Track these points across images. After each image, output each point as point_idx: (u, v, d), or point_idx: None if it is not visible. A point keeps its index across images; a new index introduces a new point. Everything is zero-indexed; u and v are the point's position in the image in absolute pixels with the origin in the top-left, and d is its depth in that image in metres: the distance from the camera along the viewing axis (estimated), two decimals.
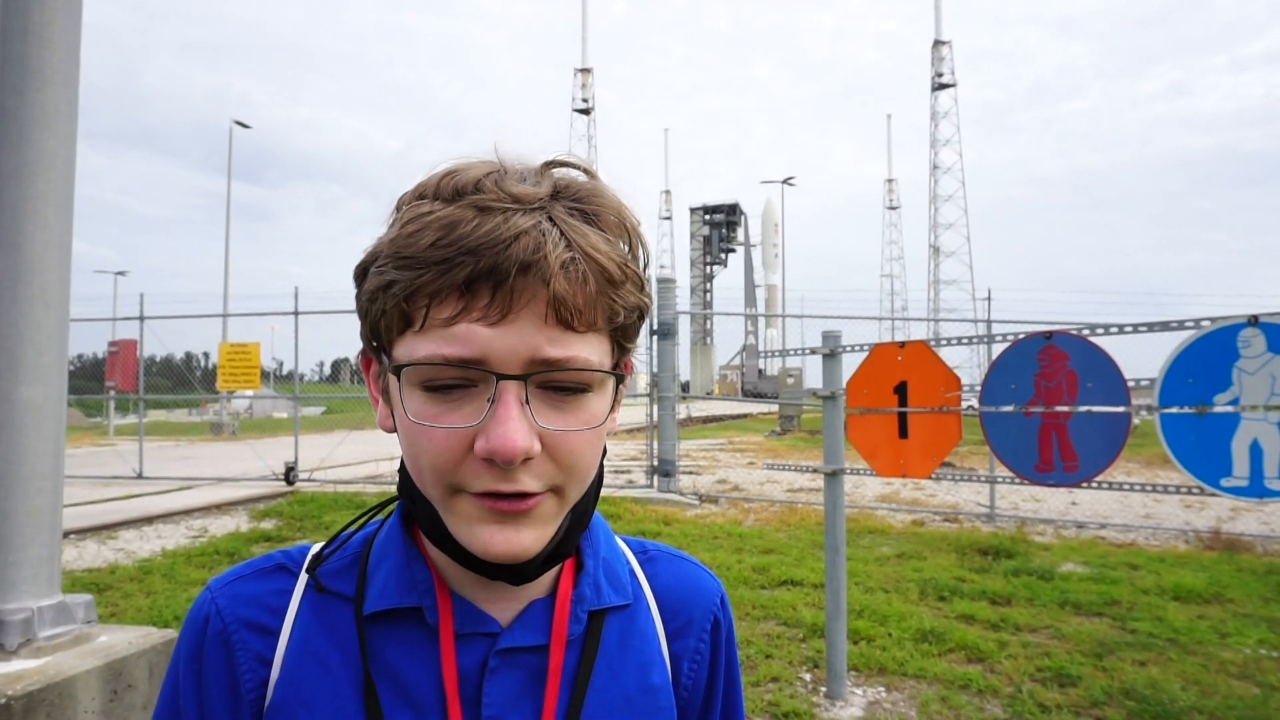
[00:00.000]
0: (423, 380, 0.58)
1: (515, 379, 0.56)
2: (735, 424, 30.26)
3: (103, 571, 6.52)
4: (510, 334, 0.55)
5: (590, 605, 0.69)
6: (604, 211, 0.60)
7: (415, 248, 0.56)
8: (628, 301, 0.60)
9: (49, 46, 2.41)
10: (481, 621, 0.65)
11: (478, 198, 0.57)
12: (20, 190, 2.38)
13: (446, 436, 0.57)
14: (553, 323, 0.56)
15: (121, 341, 14.93)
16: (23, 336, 2.37)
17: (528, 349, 0.56)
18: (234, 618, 0.66)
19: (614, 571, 0.73)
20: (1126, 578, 6.19)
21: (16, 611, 2.28)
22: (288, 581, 0.69)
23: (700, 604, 0.77)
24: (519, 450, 0.55)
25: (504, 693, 0.64)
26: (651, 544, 0.80)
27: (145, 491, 11.29)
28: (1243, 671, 4.24)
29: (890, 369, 3.87)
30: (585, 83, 57.77)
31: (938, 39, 55.76)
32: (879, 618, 5.10)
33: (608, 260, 0.58)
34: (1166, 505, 9.92)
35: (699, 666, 0.75)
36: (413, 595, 0.65)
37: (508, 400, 0.56)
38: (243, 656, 0.65)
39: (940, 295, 54.37)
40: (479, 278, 0.55)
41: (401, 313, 0.57)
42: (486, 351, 0.56)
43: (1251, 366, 2.86)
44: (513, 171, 0.60)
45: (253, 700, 0.65)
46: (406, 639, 0.64)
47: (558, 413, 0.58)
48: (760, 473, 13.60)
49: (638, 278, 0.61)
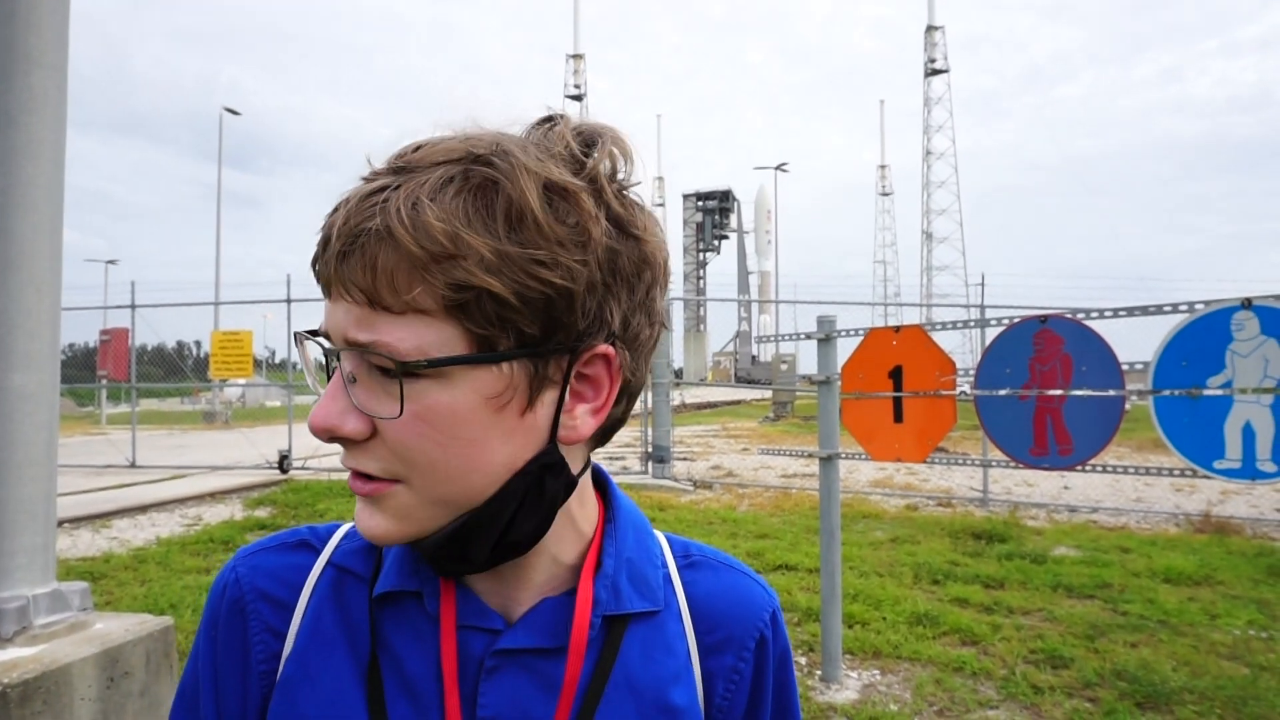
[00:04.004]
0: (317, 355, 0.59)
1: (330, 351, 0.56)
2: (729, 410, 30.31)
3: (97, 560, 6.51)
4: (334, 310, 0.55)
5: (606, 609, 0.62)
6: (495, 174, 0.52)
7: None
8: (461, 279, 0.50)
9: (36, 29, 2.37)
10: (484, 616, 0.61)
11: (373, 168, 0.56)
12: (9, 176, 2.35)
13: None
14: (360, 302, 0.52)
15: (113, 330, 14.82)
16: (14, 323, 2.34)
17: (339, 327, 0.54)
18: (251, 588, 0.66)
19: (641, 574, 0.66)
20: (1118, 561, 6.25)
21: (11, 600, 2.27)
22: (309, 558, 0.67)
23: (744, 619, 0.68)
24: (319, 427, 0.54)
25: (503, 695, 0.59)
26: (700, 548, 0.72)
27: (138, 480, 11.27)
28: (1232, 652, 4.29)
29: (885, 354, 3.88)
30: (577, 69, 57.40)
31: (931, 24, 55.65)
32: (873, 602, 5.14)
33: (415, 231, 0.50)
34: (1157, 489, 10.00)
35: (736, 689, 0.67)
36: (414, 579, 0.62)
37: (335, 374, 0.56)
38: (256, 627, 0.64)
39: (933, 281, 54.51)
40: (321, 253, 0.55)
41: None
42: (326, 325, 0.56)
43: (1245, 349, 2.87)
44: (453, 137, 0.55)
45: (263, 672, 0.63)
46: (410, 625, 0.61)
47: (388, 398, 0.53)
48: (754, 458, 13.64)
49: (486, 252, 0.50)
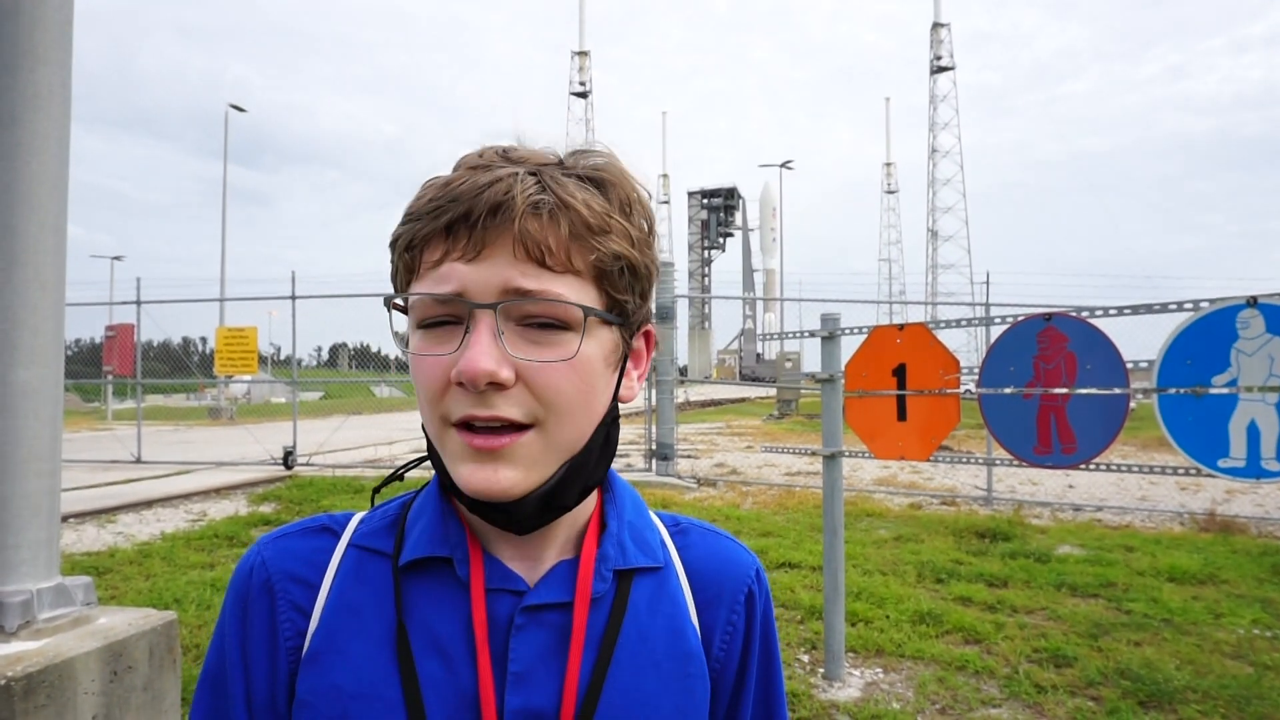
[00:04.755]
0: (418, 320, 0.63)
1: (487, 308, 0.60)
2: (733, 408, 30.29)
3: (102, 555, 6.53)
4: (484, 269, 0.60)
5: (615, 564, 0.70)
6: (605, 179, 0.65)
7: (417, 205, 0.64)
8: (609, 248, 0.63)
9: (41, 25, 2.37)
10: (509, 579, 0.67)
11: (475, 162, 0.64)
12: (13, 172, 2.35)
13: (433, 365, 0.62)
14: (523, 258, 0.60)
15: (119, 326, 14.88)
16: (18, 319, 2.35)
17: (499, 280, 0.60)
18: (278, 570, 0.71)
19: (642, 537, 0.74)
20: (1122, 559, 6.23)
21: (15, 594, 2.28)
22: (330, 541, 0.73)
23: (733, 576, 0.77)
24: (481, 371, 0.59)
25: (530, 649, 0.65)
26: (684, 518, 0.81)
27: (144, 476, 11.30)
28: (1236, 651, 4.28)
29: (889, 352, 3.87)
30: (582, 66, 57.37)
31: (936, 21, 55.43)
32: (876, 600, 5.13)
33: (584, 207, 0.62)
34: (1162, 488, 9.96)
35: (732, 639, 0.75)
36: (444, 547, 0.68)
37: (479, 328, 0.60)
38: (284, 606, 0.69)
39: (938, 279, 54.36)
40: (458, 221, 0.61)
41: (405, 263, 0.65)
42: (464, 285, 0.61)
43: (1250, 348, 2.85)
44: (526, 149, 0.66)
45: (290, 649, 0.69)
46: (438, 591, 0.67)
47: (535, 346, 0.61)
48: (758, 456, 13.63)
49: (625, 231, 0.64)
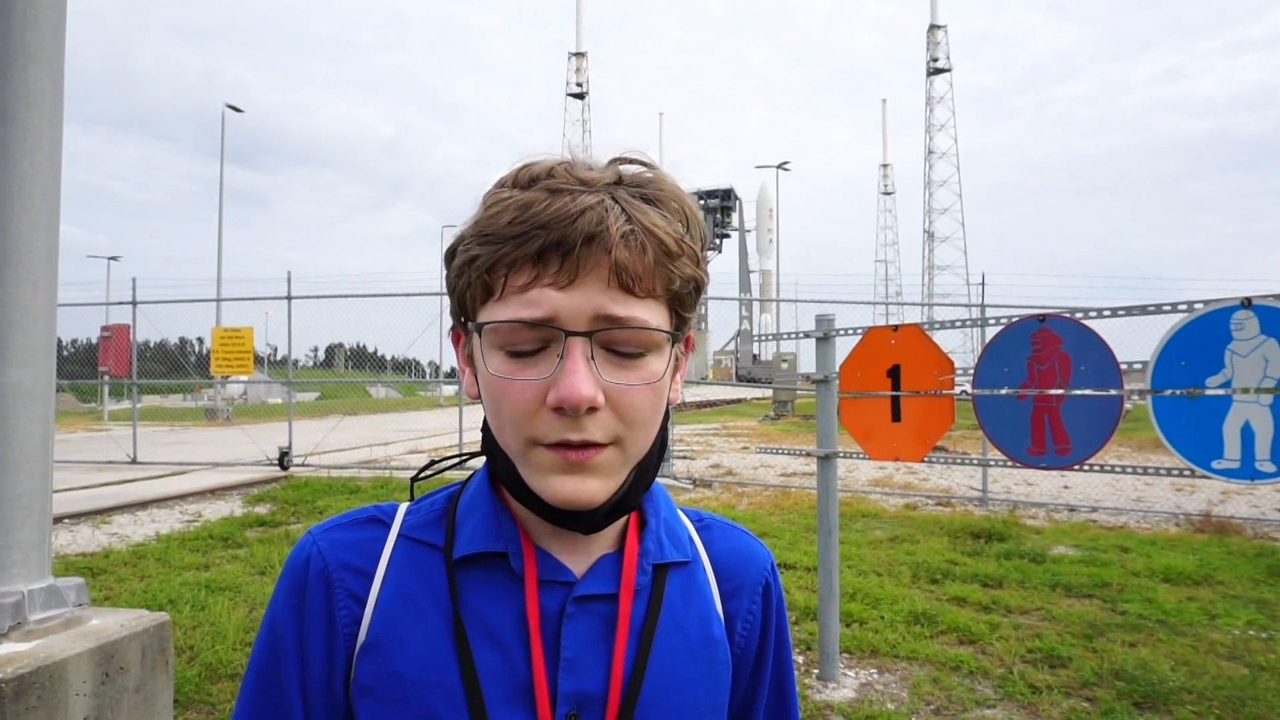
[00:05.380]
0: (503, 344, 0.64)
1: (582, 335, 0.63)
2: (729, 409, 30.31)
3: (96, 556, 6.51)
4: (577, 296, 0.62)
5: (654, 559, 0.74)
6: (664, 196, 0.67)
7: (495, 226, 0.64)
8: (683, 272, 0.66)
9: (33, 24, 2.36)
10: (559, 571, 0.71)
11: (550, 182, 0.64)
12: (5, 171, 2.34)
13: (523, 389, 0.64)
14: (615, 286, 0.63)
15: (114, 326, 14.82)
16: (10, 319, 2.34)
17: (592, 307, 0.62)
18: (334, 559, 0.73)
19: (675, 532, 0.78)
20: (1117, 560, 6.24)
21: (7, 595, 2.26)
22: (381, 531, 0.75)
23: (752, 569, 0.82)
24: (584, 397, 0.61)
25: (580, 637, 0.69)
26: (707, 514, 0.86)
27: (139, 476, 11.28)
28: (1231, 652, 4.28)
29: (884, 353, 3.87)
30: (579, 66, 57.33)
31: (933, 23, 55.51)
32: (871, 600, 5.13)
33: (664, 234, 0.65)
34: (1157, 489, 9.98)
35: (751, 626, 0.81)
36: (499, 542, 0.70)
37: (575, 355, 0.62)
38: (340, 594, 0.72)
39: (934, 280, 54.43)
40: (549, 248, 0.62)
41: (484, 284, 0.65)
42: (556, 312, 0.62)
43: (1244, 349, 2.86)
44: (580, 163, 0.67)
45: (348, 635, 0.71)
46: (491, 584, 0.70)
47: (620, 370, 0.65)
48: (754, 457, 13.63)
49: (694, 253, 0.68)
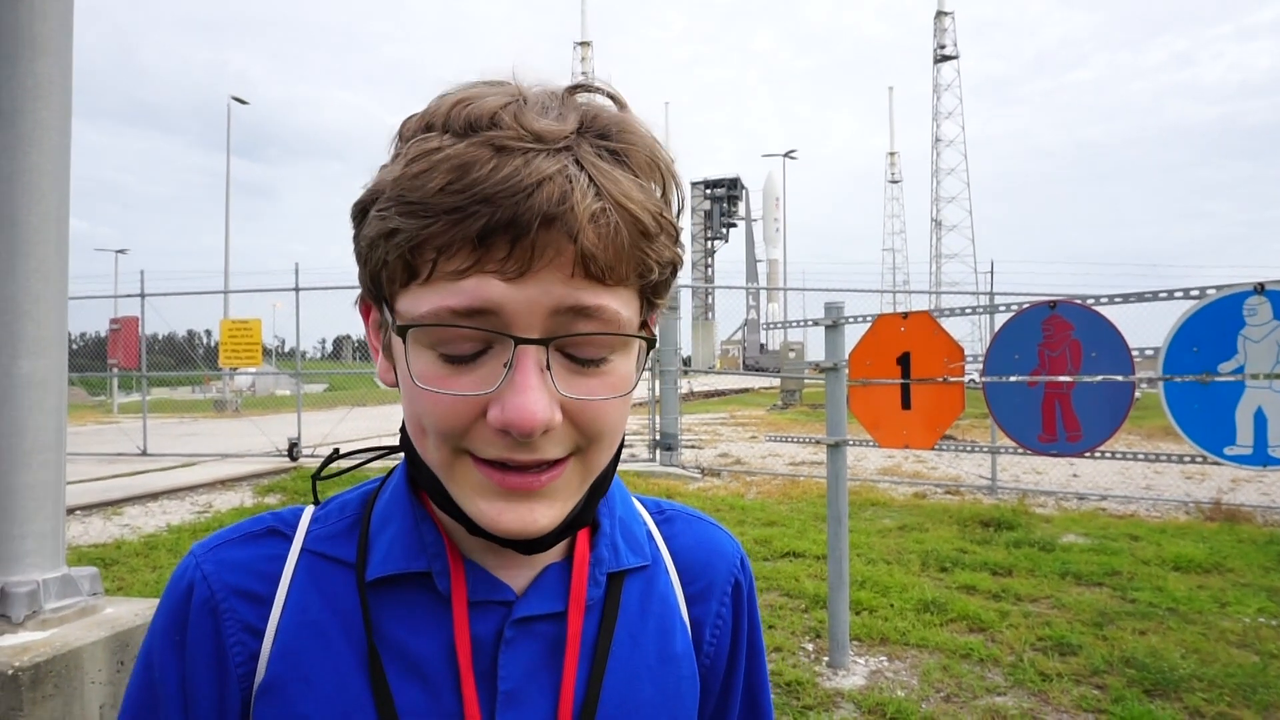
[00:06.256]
0: (433, 344, 0.51)
1: (535, 343, 0.50)
2: (737, 398, 30.28)
3: (109, 547, 6.56)
4: (531, 289, 0.49)
5: (609, 567, 0.64)
6: (635, 151, 0.53)
7: (422, 192, 0.48)
8: (662, 256, 0.53)
9: (41, 16, 2.36)
10: (495, 589, 0.60)
11: (494, 134, 0.49)
12: (15, 164, 2.35)
13: (455, 403, 0.51)
14: (580, 278, 0.50)
15: (123, 319, 14.90)
16: (21, 310, 2.35)
17: (550, 301, 0.49)
18: (222, 585, 0.60)
19: (631, 532, 0.68)
20: (1127, 548, 6.22)
21: (22, 584, 2.28)
22: (280, 546, 0.63)
23: (721, 566, 0.72)
24: (538, 423, 0.49)
25: (520, 664, 0.59)
26: (668, 504, 0.75)
27: (150, 468, 11.34)
28: (1242, 640, 4.27)
29: (893, 340, 3.86)
30: (585, 56, 57.18)
31: (940, 10, 55.16)
32: (881, 589, 5.14)
33: (641, 210, 0.51)
34: (1167, 477, 9.94)
35: (721, 632, 0.71)
36: (421, 559, 0.59)
37: (526, 366, 0.50)
38: (231, 628, 0.60)
39: (942, 269, 54.22)
40: (495, 230, 0.48)
41: (405, 263, 0.51)
42: (500, 307, 0.49)
43: (1257, 334, 2.84)
44: (533, 101, 0.52)
45: (241, 675, 0.59)
46: (413, 608, 0.59)
47: (581, 378, 0.52)
48: (762, 446, 13.63)
49: (673, 229, 0.54)
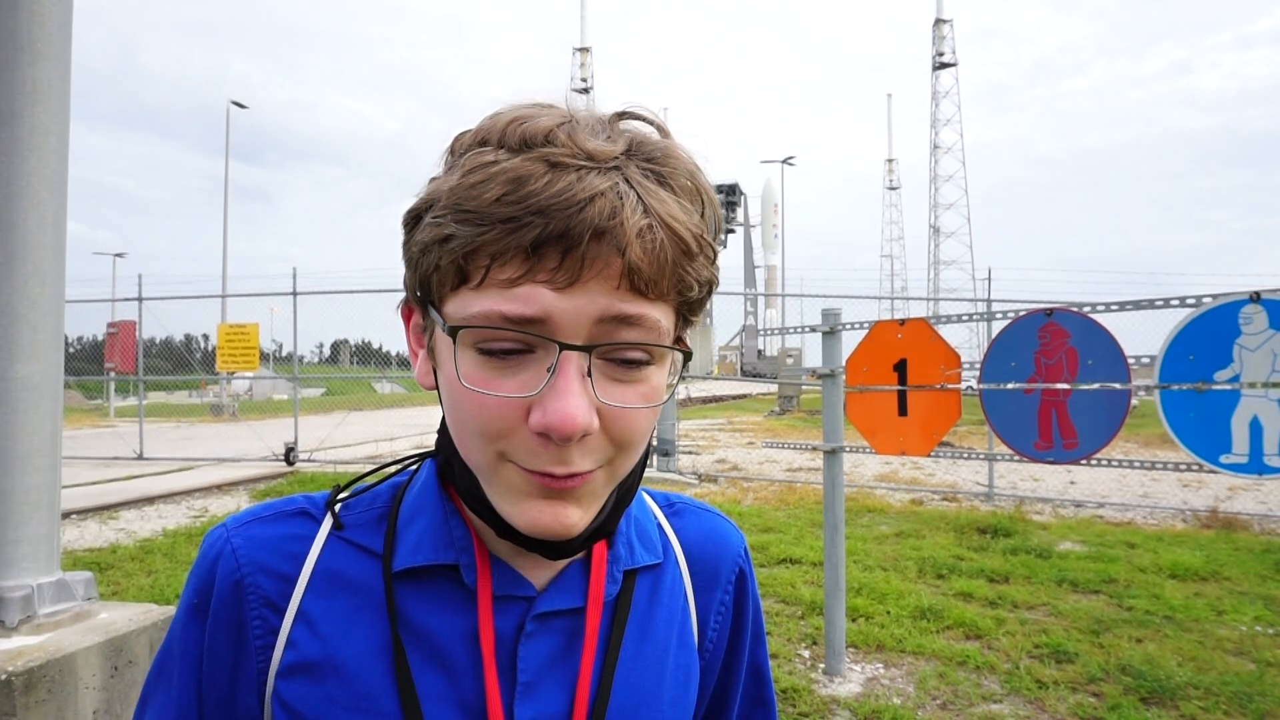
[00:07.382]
0: (477, 341, 0.53)
1: (579, 349, 0.52)
2: (735, 404, 30.31)
3: (104, 551, 6.53)
4: (579, 299, 0.51)
5: (625, 565, 0.67)
6: (678, 175, 0.55)
7: (479, 201, 0.51)
8: (700, 275, 0.55)
9: (39, 20, 2.37)
10: (518, 584, 0.62)
11: (548, 150, 0.51)
12: (12, 168, 2.35)
13: (499, 405, 0.53)
14: (625, 290, 0.52)
15: (120, 323, 14.90)
16: (18, 314, 2.35)
17: (595, 310, 0.51)
18: (249, 560, 0.62)
19: (644, 529, 0.71)
20: (1124, 556, 6.22)
21: (16, 589, 2.28)
22: (309, 527, 0.65)
23: (726, 556, 0.75)
24: (579, 427, 0.51)
25: (538, 657, 0.62)
26: (676, 497, 0.78)
27: (146, 472, 11.31)
28: (1238, 648, 4.27)
29: (890, 347, 3.86)
30: (584, 62, 57.25)
31: (939, 17, 55.30)
32: (877, 595, 5.13)
33: (685, 230, 0.53)
34: (1164, 485, 9.95)
35: (723, 620, 0.74)
36: (450, 552, 0.62)
37: (568, 371, 0.52)
38: (254, 602, 0.62)
39: (940, 275, 54.31)
40: (548, 240, 0.50)
41: (458, 269, 0.53)
42: (548, 314, 0.51)
43: (1253, 343, 2.85)
44: (584, 123, 0.54)
45: (260, 648, 0.61)
46: (438, 599, 0.62)
47: (618, 385, 0.54)
48: (759, 452, 13.63)
49: (711, 250, 0.56)
